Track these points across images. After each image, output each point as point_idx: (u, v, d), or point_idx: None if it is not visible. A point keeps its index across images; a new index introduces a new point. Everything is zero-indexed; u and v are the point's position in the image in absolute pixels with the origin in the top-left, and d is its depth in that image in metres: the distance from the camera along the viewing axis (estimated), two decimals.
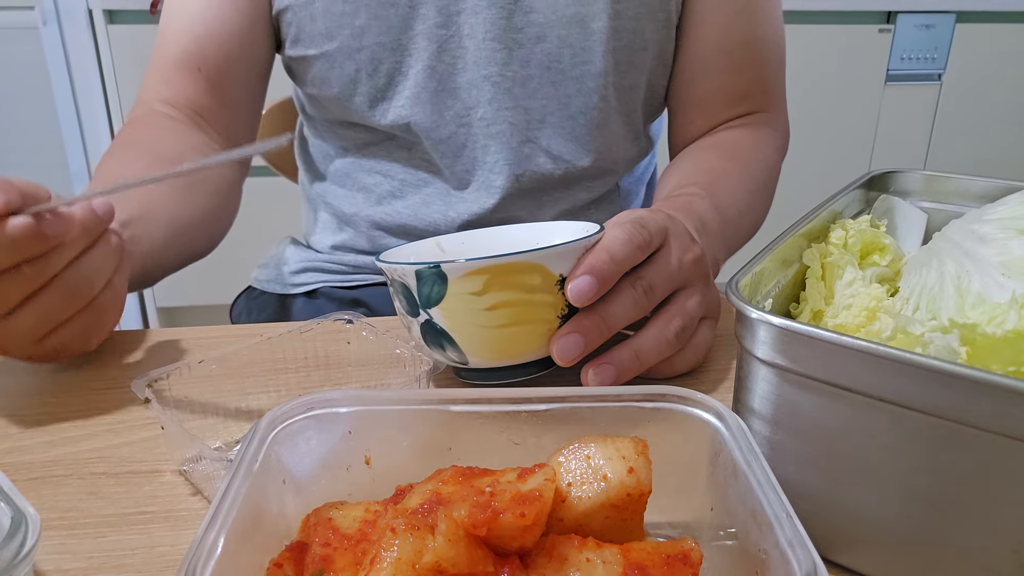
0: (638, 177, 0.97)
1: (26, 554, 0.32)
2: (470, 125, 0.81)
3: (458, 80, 0.80)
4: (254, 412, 0.55)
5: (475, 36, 0.78)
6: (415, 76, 0.79)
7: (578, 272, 0.51)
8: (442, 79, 0.80)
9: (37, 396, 0.58)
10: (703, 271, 0.58)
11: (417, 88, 0.79)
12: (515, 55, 0.79)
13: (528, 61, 0.80)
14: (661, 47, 0.83)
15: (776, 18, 0.86)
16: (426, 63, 0.79)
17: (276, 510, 0.37)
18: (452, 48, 0.79)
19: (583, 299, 0.51)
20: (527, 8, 0.78)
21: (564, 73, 0.80)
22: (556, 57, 0.80)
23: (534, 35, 0.79)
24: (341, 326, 0.58)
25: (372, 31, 0.77)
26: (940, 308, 0.45)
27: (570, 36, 0.79)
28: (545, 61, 0.80)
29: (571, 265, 0.51)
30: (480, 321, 0.50)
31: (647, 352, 0.54)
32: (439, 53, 0.78)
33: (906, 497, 0.37)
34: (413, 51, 0.79)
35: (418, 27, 0.78)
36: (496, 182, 0.83)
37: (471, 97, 0.80)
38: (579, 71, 0.80)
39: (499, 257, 0.49)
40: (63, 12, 1.97)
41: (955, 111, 2.38)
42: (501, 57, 0.79)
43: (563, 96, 0.81)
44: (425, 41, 0.78)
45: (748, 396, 0.41)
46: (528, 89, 0.81)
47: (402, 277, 0.51)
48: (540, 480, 0.34)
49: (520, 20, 0.78)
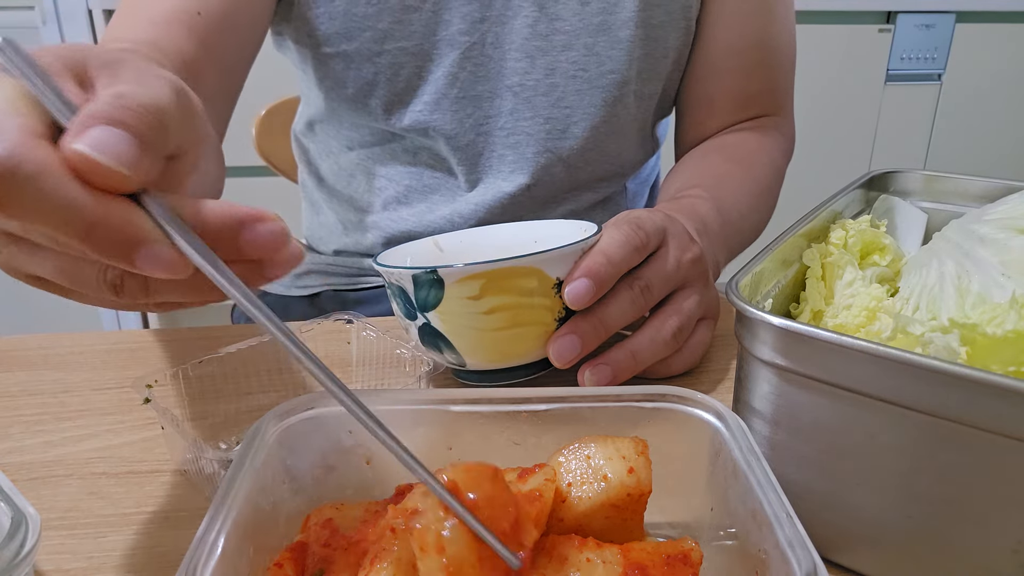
0: (644, 179, 0.97)
1: (26, 554, 0.32)
2: (489, 134, 0.81)
3: (479, 88, 0.79)
4: (254, 412, 0.55)
5: (500, 45, 0.78)
6: (435, 82, 0.78)
7: (575, 275, 0.51)
8: (464, 86, 0.78)
9: (37, 396, 0.58)
10: (702, 271, 0.58)
11: (437, 95, 0.78)
12: (538, 63, 0.78)
13: (553, 69, 0.79)
14: (679, 53, 0.83)
15: (789, 22, 0.86)
16: (447, 69, 0.78)
17: (276, 510, 0.37)
18: (475, 56, 0.78)
19: (580, 303, 0.51)
20: (553, 16, 0.77)
21: (590, 82, 0.80)
22: (582, 66, 0.79)
23: (560, 43, 0.78)
24: (341, 326, 0.58)
25: (395, 36, 0.76)
26: (940, 308, 0.45)
27: (597, 44, 0.78)
28: (571, 70, 0.79)
29: (568, 268, 0.51)
30: (477, 324, 0.50)
31: (643, 352, 0.54)
32: (462, 60, 0.77)
33: (906, 497, 0.37)
34: (435, 57, 0.77)
35: (441, 33, 0.77)
36: (506, 189, 0.82)
37: (492, 106, 0.80)
38: (604, 80, 0.80)
39: (496, 262, 0.49)
40: (63, 12, 1.97)
41: (955, 111, 2.38)
42: (523, 66, 0.78)
43: (587, 106, 0.81)
44: (448, 48, 0.77)
45: (748, 396, 0.41)
46: (551, 98, 0.80)
47: (399, 281, 0.51)
48: (540, 480, 0.34)
49: (545, 28, 0.78)
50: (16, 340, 0.65)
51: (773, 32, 0.84)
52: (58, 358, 0.63)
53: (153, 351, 0.64)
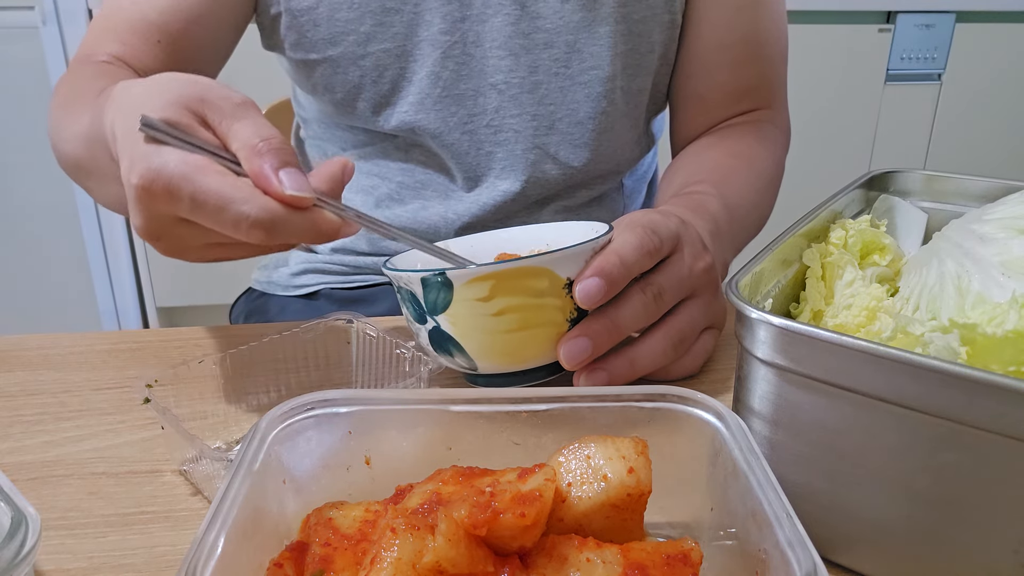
0: (641, 175, 0.97)
1: (26, 554, 0.32)
2: (474, 132, 0.81)
3: (462, 87, 0.79)
4: (254, 412, 0.55)
5: (481, 43, 0.78)
6: (419, 83, 0.79)
7: (586, 274, 0.50)
8: (447, 85, 0.79)
9: (37, 396, 0.58)
10: (712, 281, 0.57)
11: (421, 95, 0.79)
12: (522, 61, 0.79)
13: (536, 67, 0.79)
14: (665, 48, 0.83)
15: (779, 15, 0.86)
16: (430, 69, 0.78)
17: (276, 510, 0.37)
18: (456, 54, 0.78)
19: (591, 301, 0.50)
20: (534, 14, 0.78)
21: (573, 79, 0.80)
22: (564, 63, 0.79)
23: (542, 41, 0.78)
24: (341, 326, 0.58)
25: (377, 38, 0.77)
26: (940, 308, 0.45)
27: (578, 41, 0.79)
28: (554, 67, 0.79)
29: (579, 268, 0.50)
30: (487, 326, 0.50)
31: (643, 360, 0.54)
32: (443, 59, 0.78)
33: (906, 497, 0.37)
34: (418, 57, 0.78)
35: (423, 33, 0.77)
36: (500, 187, 0.83)
37: (476, 104, 0.80)
38: (587, 76, 0.80)
39: (505, 263, 0.48)
40: (63, 12, 1.97)
41: (955, 111, 2.38)
42: (507, 64, 0.79)
43: (571, 102, 0.81)
44: (430, 48, 0.78)
45: (748, 396, 0.41)
46: (536, 96, 0.80)
47: (408, 284, 0.51)
48: (540, 480, 0.34)
49: (527, 26, 0.78)
50: (16, 340, 0.65)
51: (763, 26, 0.84)
52: (58, 358, 0.63)
53: (153, 351, 0.64)
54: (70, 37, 1.99)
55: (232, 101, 0.48)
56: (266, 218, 0.45)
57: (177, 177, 0.45)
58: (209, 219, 0.45)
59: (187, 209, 0.45)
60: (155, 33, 0.75)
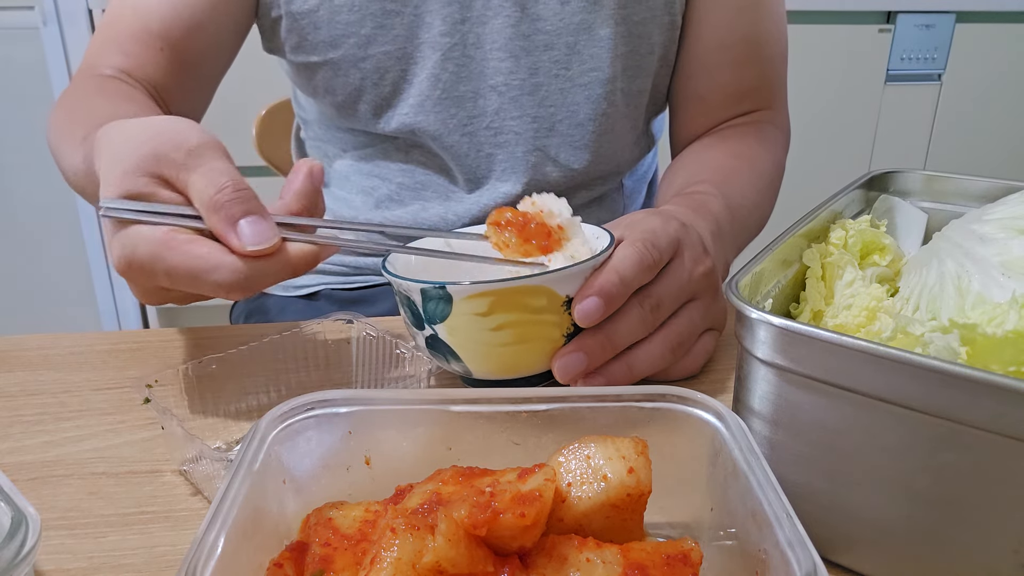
0: (641, 176, 0.97)
1: (26, 554, 0.32)
2: (474, 134, 0.81)
3: (462, 88, 0.79)
4: (254, 412, 0.55)
5: (481, 45, 0.78)
6: (419, 85, 0.79)
7: (586, 293, 0.50)
8: (447, 87, 0.79)
9: (37, 396, 0.58)
10: (712, 284, 0.57)
11: (421, 97, 0.79)
12: (522, 63, 0.79)
13: (536, 69, 0.79)
14: (666, 49, 0.83)
15: (779, 15, 0.86)
16: (431, 71, 0.78)
17: (276, 510, 0.37)
18: (456, 56, 0.78)
19: (590, 320, 0.50)
20: (534, 16, 0.78)
21: (573, 80, 0.80)
22: (565, 64, 0.79)
23: (542, 43, 0.78)
24: (341, 326, 0.58)
25: (378, 41, 0.77)
26: (940, 308, 0.45)
27: (578, 43, 0.79)
28: (554, 69, 0.79)
29: (578, 286, 0.50)
30: (485, 339, 0.50)
31: (641, 365, 0.54)
32: (443, 61, 0.78)
33: (906, 497, 0.37)
34: (418, 59, 0.78)
35: (423, 36, 0.77)
36: (501, 188, 0.83)
37: (476, 106, 0.80)
38: (587, 78, 0.80)
39: (505, 281, 0.49)
40: (63, 12, 1.97)
41: (955, 111, 2.38)
42: (507, 66, 0.79)
43: (571, 104, 0.81)
44: (430, 50, 0.78)
45: (748, 396, 0.41)
46: (536, 98, 0.80)
47: (407, 292, 0.51)
48: (540, 480, 0.34)
49: (528, 28, 0.78)
50: (16, 340, 0.65)
51: (763, 27, 0.84)
52: (58, 358, 0.63)
53: (153, 351, 0.64)
54: (70, 38, 1.99)
55: (185, 148, 0.48)
56: (239, 279, 0.46)
57: (148, 258, 0.47)
58: (189, 288, 0.47)
59: (167, 283, 0.47)
60: (157, 42, 0.76)
